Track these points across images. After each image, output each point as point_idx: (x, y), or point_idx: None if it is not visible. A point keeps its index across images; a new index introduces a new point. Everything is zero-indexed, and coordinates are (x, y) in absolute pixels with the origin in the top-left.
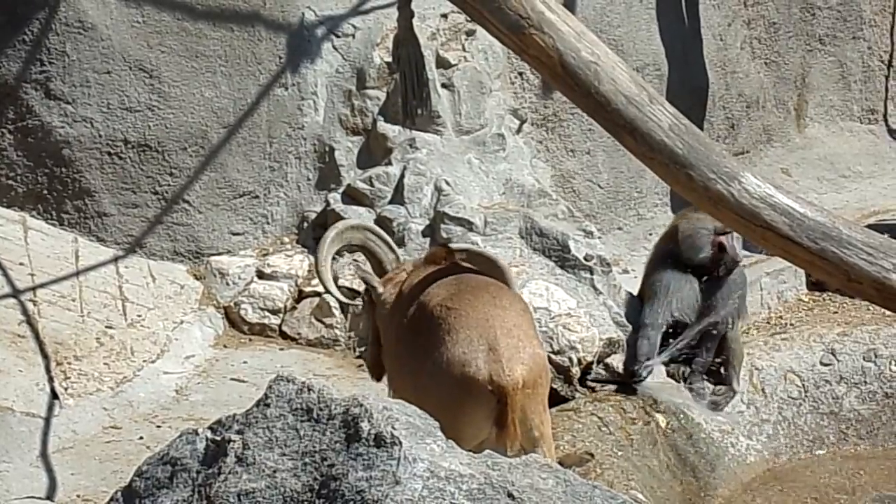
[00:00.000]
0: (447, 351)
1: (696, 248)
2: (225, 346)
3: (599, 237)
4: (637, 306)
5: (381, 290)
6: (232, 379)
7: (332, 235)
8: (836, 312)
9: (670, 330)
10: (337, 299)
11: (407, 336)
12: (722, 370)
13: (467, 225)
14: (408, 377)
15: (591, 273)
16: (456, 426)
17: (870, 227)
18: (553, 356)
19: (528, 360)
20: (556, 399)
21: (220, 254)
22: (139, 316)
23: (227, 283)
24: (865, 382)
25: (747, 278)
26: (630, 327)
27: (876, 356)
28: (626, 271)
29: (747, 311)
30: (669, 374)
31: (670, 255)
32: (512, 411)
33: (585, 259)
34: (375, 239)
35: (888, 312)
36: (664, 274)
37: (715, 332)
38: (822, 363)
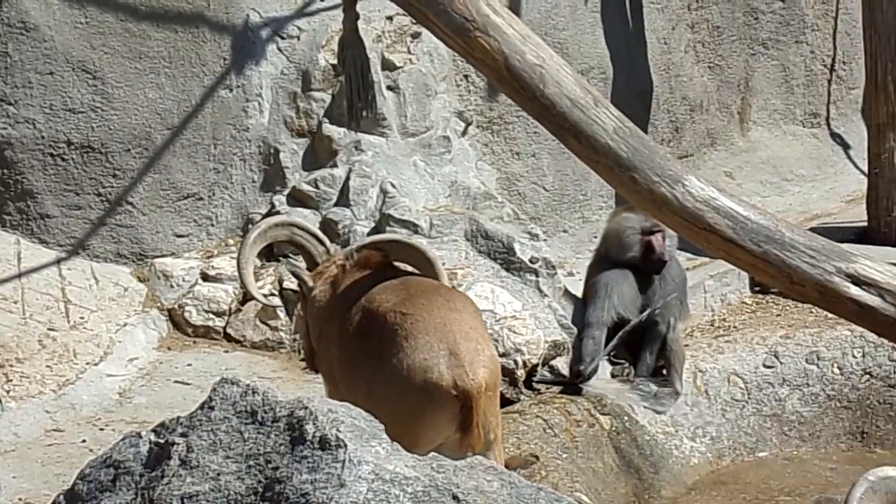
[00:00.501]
0: (406, 357)
1: (625, 246)
2: (169, 349)
3: (544, 240)
4: (582, 308)
5: (311, 283)
6: (176, 381)
7: (255, 235)
8: (778, 315)
9: (615, 329)
10: (257, 300)
11: (354, 343)
12: (664, 371)
13: (412, 227)
14: (359, 384)
15: (537, 275)
16: (416, 432)
17: (812, 230)
18: (499, 358)
19: (488, 362)
20: (501, 401)
21: (164, 256)
22: (82, 318)
23: (172, 286)
24: (808, 385)
25: (687, 279)
26: (575, 329)
27: (818, 358)
28: (571, 274)
29: (689, 312)
30: (613, 375)
31: (607, 255)
32: (476, 414)
33: (531, 261)
34: (302, 233)
35: (830, 315)
36: (603, 274)
37: (656, 331)
38: (764, 365)
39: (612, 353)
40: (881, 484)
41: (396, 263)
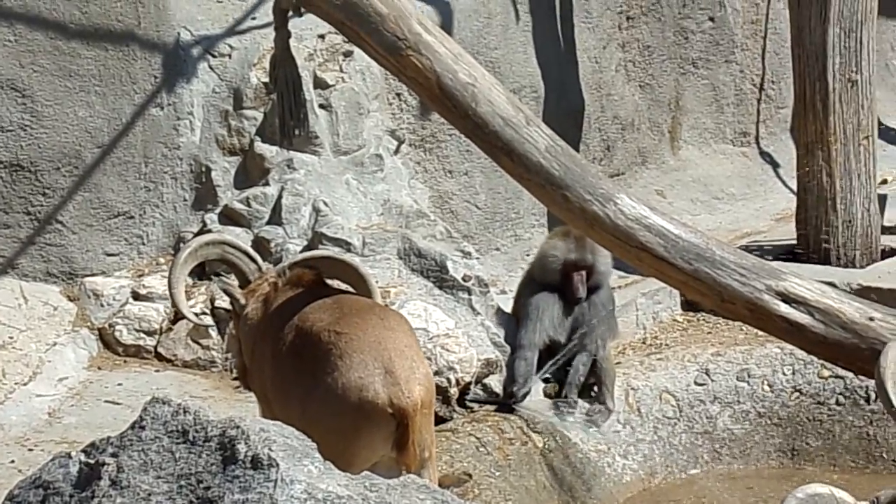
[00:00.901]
0: (341, 376)
1: (547, 272)
2: (99, 368)
3: (477, 258)
4: (514, 327)
5: (243, 301)
6: (106, 401)
7: (185, 254)
8: (709, 333)
9: (546, 349)
10: (188, 319)
11: (288, 363)
12: (596, 389)
13: (345, 245)
14: (293, 404)
15: (469, 293)
16: (351, 451)
17: (742, 248)
18: (433, 377)
19: (423, 379)
20: (435, 419)
21: (94, 275)
22: (11, 338)
23: (102, 305)
24: (739, 402)
25: (615, 299)
26: (508, 348)
27: (749, 376)
28: (503, 292)
29: (618, 331)
30: (546, 394)
31: (535, 276)
32: (412, 432)
33: (463, 279)
34: (234, 251)
35: (760, 333)
36: (534, 296)
37: (586, 352)
38: (696, 383)
39: (544, 377)
40: (809, 501)
41: (329, 281)
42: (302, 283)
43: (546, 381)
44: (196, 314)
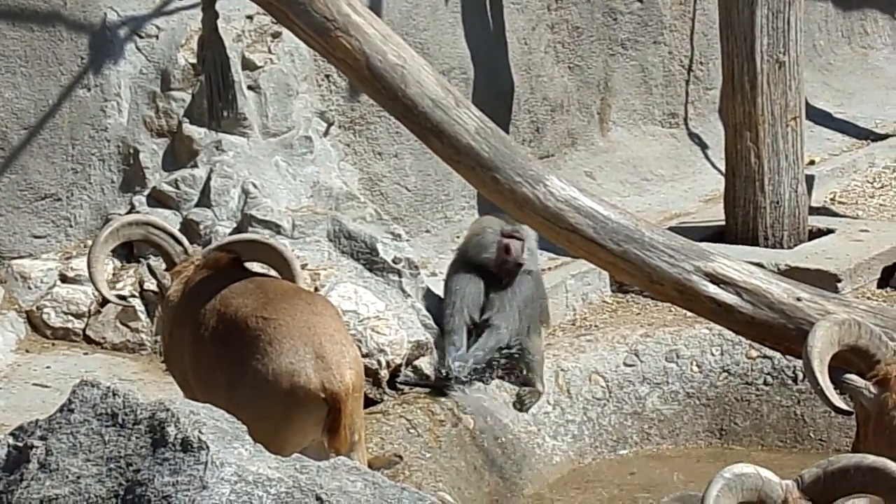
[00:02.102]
0: (271, 362)
1: (482, 246)
2: (27, 351)
3: (407, 240)
4: (439, 302)
5: (167, 282)
6: (34, 384)
7: (106, 233)
8: (639, 314)
9: (471, 329)
10: (105, 298)
11: (211, 349)
12: (525, 372)
13: (275, 228)
14: (218, 391)
15: (400, 276)
16: (282, 436)
17: (671, 229)
18: (362, 359)
19: (353, 363)
20: (365, 402)
21: (21, 257)
22: None
23: (29, 287)
24: (667, 383)
25: (542, 289)
26: (437, 329)
27: (678, 357)
28: (433, 274)
29: (548, 317)
30: (475, 377)
31: (463, 257)
32: (344, 416)
33: (394, 262)
34: (158, 233)
35: (689, 313)
36: (456, 277)
37: (497, 328)
38: (625, 364)
39: (485, 373)
40: (737, 481)
41: (247, 264)
42: (218, 267)
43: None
44: (120, 296)
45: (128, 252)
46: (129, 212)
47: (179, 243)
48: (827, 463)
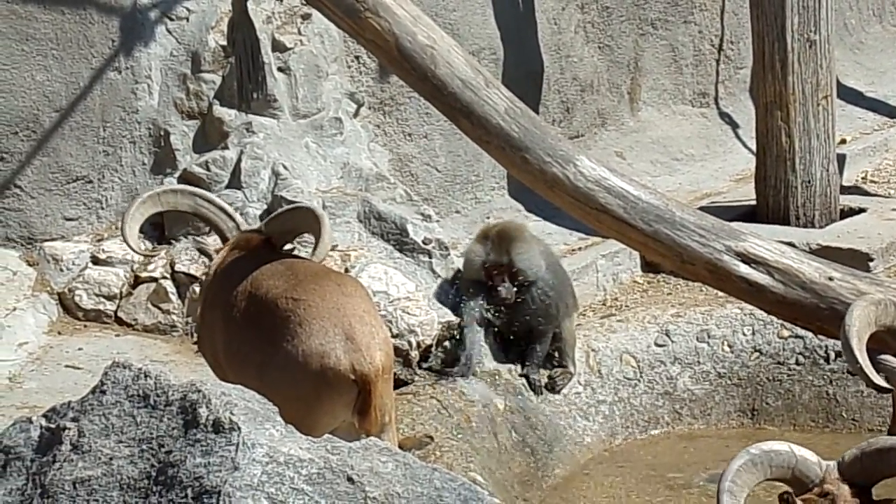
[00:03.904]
0: (302, 343)
1: (470, 269)
2: (59, 333)
3: (437, 221)
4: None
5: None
6: (67, 366)
7: (146, 196)
8: (669, 294)
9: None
10: (132, 250)
11: (243, 330)
12: (556, 354)
13: None
14: (250, 372)
15: (430, 256)
16: (312, 417)
17: (702, 209)
18: (392, 339)
19: (383, 344)
20: (395, 383)
21: (53, 239)
22: None
23: (61, 269)
24: (699, 363)
25: (563, 278)
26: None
27: (709, 337)
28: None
29: (576, 304)
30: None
31: (467, 277)
32: (374, 398)
33: (424, 242)
34: (207, 205)
35: (720, 293)
36: (472, 282)
37: (542, 330)
38: (656, 344)
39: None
40: (764, 457)
41: (274, 244)
42: (249, 247)
43: (509, 355)
44: (148, 257)
45: (159, 234)
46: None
47: (232, 218)
48: (866, 445)
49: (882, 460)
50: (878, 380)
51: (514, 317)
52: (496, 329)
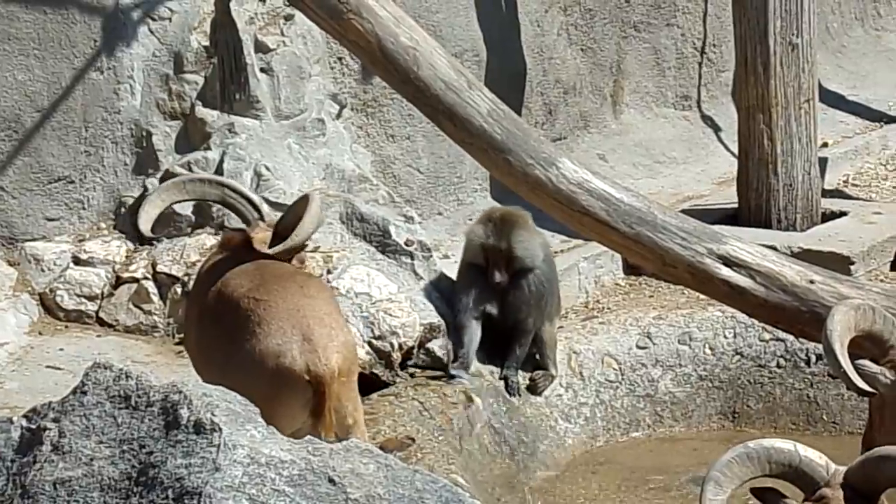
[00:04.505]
0: (259, 343)
1: (471, 254)
2: (40, 334)
3: (420, 222)
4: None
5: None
6: (48, 366)
7: (170, 183)
8: (651, 296)
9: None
10: (142, 233)
11: (209, 326)
12: (538, 357)
13: (284, 209)
14: (214, 369)
15: (412, 258)
16: (270, 417)
17: (684, 212)
18: (374, 341)
19: (341, 347)
20: (377, 384)
21: (34, 240)
22: None
23: (43, 270)
24: (680, 365)
25: (554, 278)
26: (450, 312)
27: (690, 339)
28: (446, 256)
29: (559, 307)
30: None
31: (467, 259)
32: (328, 400)
33: (406, 244)
34: (235, 195)
35: (702, 296)
36: (464, 275)
37: (523, 330)
38: (638, 346)
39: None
40: (762, 452)
41: (257, 246)
42: (229, 247)
43: (490, 356)
44: (155, 240)
45: (141, 235)
46: (142, 195)
47: (257, 209)
48: (871, 452)
49: (882, 468)
50: (861, 384)
51: (504, 307)
52: (483, 322)
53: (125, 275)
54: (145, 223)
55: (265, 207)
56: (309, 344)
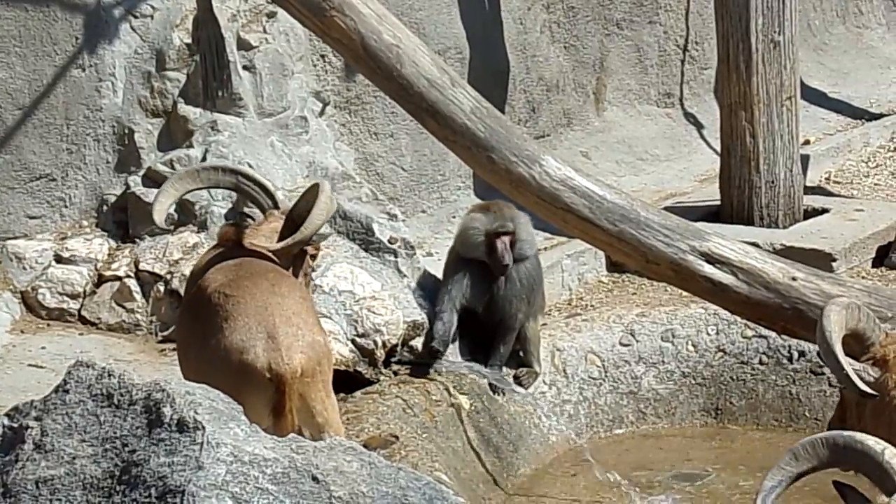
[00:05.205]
0: (225, 338)
1: (470, 246)
2: (22, 332)
3: (403, 220)
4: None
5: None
6: (30, 365)
7: (184, 172)
8: (634, 293)
9: (465, 312)
10: (156, 223)
11: (185, 319)
12: (521, 353)
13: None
14: (189, 363)
15: (396, 256)
16: None
17: (666, 209)
18: (358, 339)
19: (306, 348)
20: (361, 382)
21: (16, 238)
22: None
23: (24, 268)
24: (663, 362)
25: (539, 272)
26: (432, 310)
27: (673, 336)
28: (430, 254)
29: (544, 304)
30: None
31: (457, 251)
32: (289, 400)
33: (389, 242)
34: (249, 184)
35: (685, 293)
36: (452, 268)
37: (508, 325)
38: (621, 344)
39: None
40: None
41: (247, 243)
42: (221, 242)
43: (473, 354)
44: (167, 226)
45: (123, 233)
46: (124, 193)
47: (271, 197)
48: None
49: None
50: (863, 386)
51: (493, 301)
52: (467, 321)
53: (107, 273)
54: (159, 213)
55: (279, 195)
56: (273, 342)
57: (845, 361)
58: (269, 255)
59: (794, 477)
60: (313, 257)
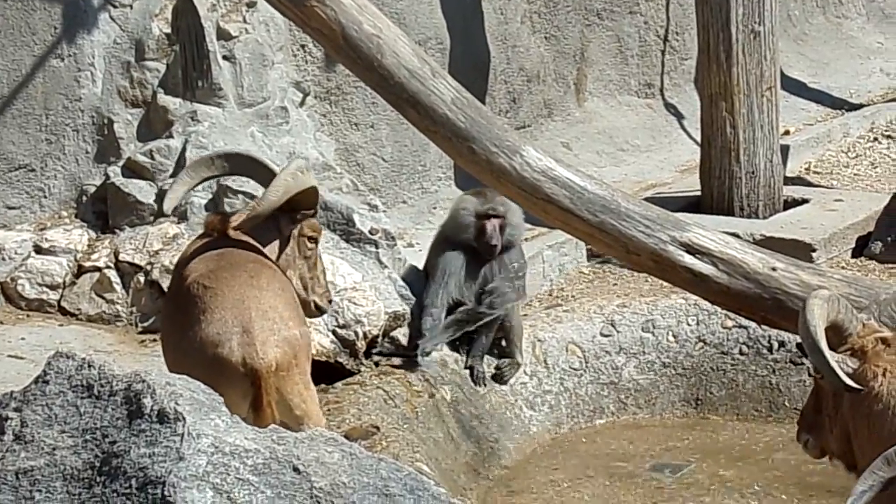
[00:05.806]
0: (201, 331)
1: (459, 228)
2: (2, 323)
3: (384, 211)
4: (422, 280)
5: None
6: (9, 356)
7: (197, 159)
8: (615, 284)
9: (452, 306)
10: (165, 210)
11: (167, 309)
12: (503, 344)
13: (251, 199)
14: (168, 353)
15: (376, 247)
16: None
17: (647, 199)
18: (339, 330)
19: (281, 342)
20: (342, 373)
21: None
22: None
23: (3, 258)
24: (644, 353)
25: (526, 260)
26: (414, 300)
27: (654, 327)
28: (410, 245)
29: (526, 293)
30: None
31: (445, 236)
32: (266, 394)
33: (370, 233)
34: (263, 171)
35: (665, 284)
36: (443, 255)
37: (491, 318)
38: (602, 334)
39: (454, 339)
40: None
41: (233, 233)
42: (208, 232)
43: (454, 344)
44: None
45: (103, 223)
46: (104, 183)
47: None
48: None
49: None
50: (848, 380)
51: (481, 288)
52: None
53: (87, 263)
54: (172, 201)
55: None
56: (248, 336)
57: (830, 356)
58: (255, 244)
59: (885, 482)
60: (311, 239)
